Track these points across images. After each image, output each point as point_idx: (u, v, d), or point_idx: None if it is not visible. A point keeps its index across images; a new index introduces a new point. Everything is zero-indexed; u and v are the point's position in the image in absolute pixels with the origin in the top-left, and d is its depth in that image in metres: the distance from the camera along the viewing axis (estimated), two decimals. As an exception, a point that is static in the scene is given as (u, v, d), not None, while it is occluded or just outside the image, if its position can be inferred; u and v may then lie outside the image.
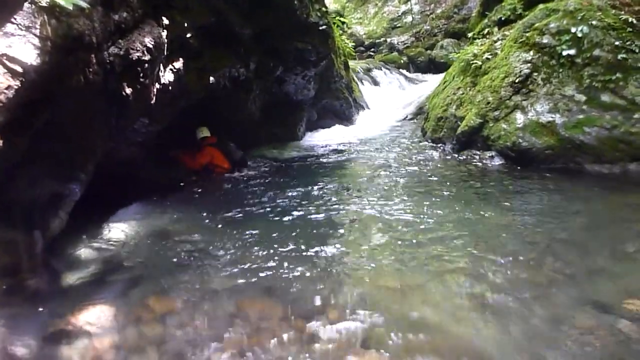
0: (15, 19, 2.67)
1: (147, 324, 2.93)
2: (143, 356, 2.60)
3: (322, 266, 3.55)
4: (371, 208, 4.86)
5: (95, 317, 2.96)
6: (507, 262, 3.41)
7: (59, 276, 3.56)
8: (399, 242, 3.92)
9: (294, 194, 5.61)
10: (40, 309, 3.04)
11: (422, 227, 4.21)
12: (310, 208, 4.98)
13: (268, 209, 5.05)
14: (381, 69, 16.53)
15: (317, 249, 3.89)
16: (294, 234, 4.25)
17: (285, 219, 4.68)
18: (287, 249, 3.92)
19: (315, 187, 5.86)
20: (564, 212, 4.40)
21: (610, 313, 2.68)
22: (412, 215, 4.49)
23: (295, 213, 4.82)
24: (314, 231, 4.32)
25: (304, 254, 3.80)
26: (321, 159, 7.98)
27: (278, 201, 5.32)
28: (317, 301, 3.05)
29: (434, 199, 5.02)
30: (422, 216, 4.47)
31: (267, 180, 6.53)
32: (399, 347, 2.54)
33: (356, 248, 3.90)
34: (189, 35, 5.62)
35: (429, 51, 19.61)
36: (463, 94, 7.63)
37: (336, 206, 5.01)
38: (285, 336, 2.67)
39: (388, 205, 4.88)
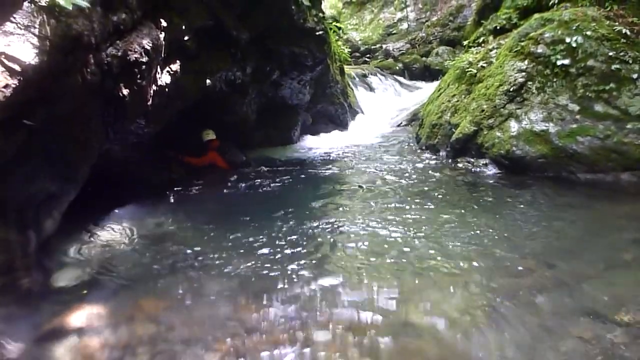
0: (14, 17, 2.67)
1: (139, 325, 2.93)
2: (135, 356, 2.60)
3: (317, 270, 3.55)
4: (364, 214, 4.87)
5: (88, 317, 2.96)
6: (500, 270, 3.43)
7: (52, 276, 3.56)
8: (392, 249, 3.92)
9: (288, 197, 5.62)
10: (33, 309, 3.03)
11: (416, 233, 4.22)
12: (304, 212, 4.99)
13: (261, 212, 5.05)
14: (376, 75, 16.62)
15: (311, 252, 3.90)
16: (287, 237, 4.24)
17: (279, 222, 4.67)
18: (281, 252, 3.92)
19: (309, 192, 5.87)
20: (556, 221, 4.42)
21: (604, 322, 2.69)
22: (405, 222, 4.50)
23: (289, 217, 4.82)
24: (308, 234, 4.31)
25: (298, 257, 3.80)
26: (315, 164, 7.98)
27: (272, 204, 5.32)
28: (312, 305, 3.05)
29: (427, 206, 5.04)
30: (415, 223, 4.49)
31: (261, 183, 6.52)
32: (394, 353, 2.56)
33: (351, 253, 3.90)
34: (186, 37, 5.63)
35: (424, 58, 19.72)
36: (458, 101, 7.67)
37: (329, 211, 5.02)
38: (279, 340, 2.67)
39: (381, 212, 4.89)
